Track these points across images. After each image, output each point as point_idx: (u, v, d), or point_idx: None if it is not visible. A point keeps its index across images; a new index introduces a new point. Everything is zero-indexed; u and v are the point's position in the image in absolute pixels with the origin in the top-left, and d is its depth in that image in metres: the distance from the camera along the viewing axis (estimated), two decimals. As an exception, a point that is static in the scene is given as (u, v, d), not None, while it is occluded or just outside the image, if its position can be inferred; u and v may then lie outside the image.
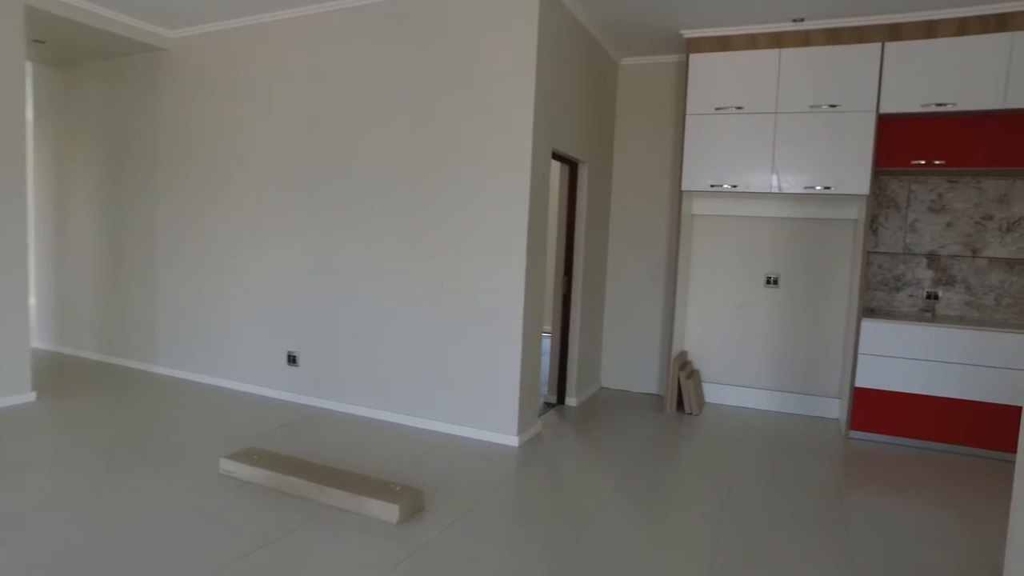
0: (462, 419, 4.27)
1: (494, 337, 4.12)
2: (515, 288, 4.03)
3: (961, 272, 4.83)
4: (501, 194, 4.05)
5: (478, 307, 4.16)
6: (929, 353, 4.40)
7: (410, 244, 4.38)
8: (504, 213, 4.04)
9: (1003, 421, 4.30)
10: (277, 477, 3.13)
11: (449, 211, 4.23)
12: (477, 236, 4.14)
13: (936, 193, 4.85)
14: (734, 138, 4.80)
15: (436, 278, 4.29)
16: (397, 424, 4.48)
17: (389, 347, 4.49)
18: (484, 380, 4.17)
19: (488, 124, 4.07)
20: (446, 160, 4.22)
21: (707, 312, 5.48)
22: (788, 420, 5.06)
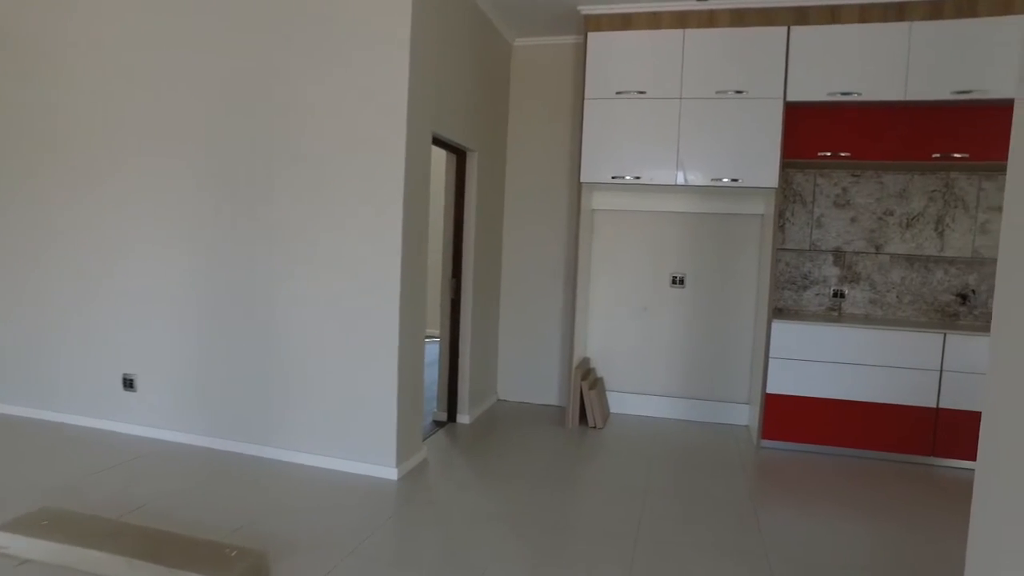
0: (332, 450, 3.62)
1: (366, 353, 3.49)
2: (389, 295, 3.43)
3: (866, 269, 4.66)
4: (370, 185, 3.42)
5: (345, 318, 3.52)
6: (840, 355, 4.17)
7: (261, 244, 3.67)
8: (374, 208, 3.43)
9: (915, 424, 4.13)
10: (70, 550, 2.38)
11: (305, 204, 3.56)
12: (342, 234, 3.50)
13: (841, 187, 4.65)
14: (637, 125, 4.40)
15: (295, 284, 3.62)
16: (257, 458, 3.75)
17: (244, 367, 3.76)
18: (355, 403, 3.54)
19: (357, 103, 3.44)
20: (299, 144, 3.55)
21: (610, 316, 5.08)
22: (697, 430, 4.73)
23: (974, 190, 4.52)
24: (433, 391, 4.79)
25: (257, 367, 3.73)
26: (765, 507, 3.38)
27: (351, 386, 3.54)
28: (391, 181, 3.38)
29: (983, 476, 1.44)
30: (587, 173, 4.48)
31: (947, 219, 4.55)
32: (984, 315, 4.54)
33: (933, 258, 4.58)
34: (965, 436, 4.09)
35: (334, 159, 3.49)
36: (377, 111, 3.39)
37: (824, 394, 4.20)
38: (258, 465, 3.64)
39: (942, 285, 4.58)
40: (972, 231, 4.53)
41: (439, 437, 4.31)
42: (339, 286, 3.53)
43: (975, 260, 4.54)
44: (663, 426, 4.77)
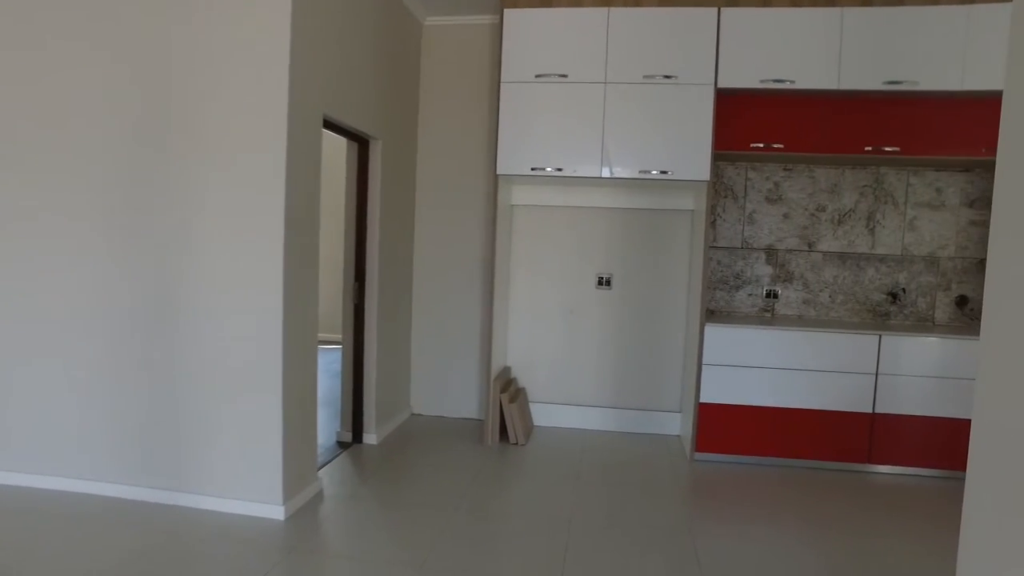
0: (210, 487, 3.05)
1: (244, 375, 2.95)
2: (269, 306, 2.89)
3: (799, 268, 4.44)
4: (244, 179, 2.89)
5: (219, 335, 2.97)
6: (775, 360, 3.91)
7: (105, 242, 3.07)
8: (248, 205, 2.89)
9: (852, 430, 3.91)
10: None
11: (166, 196, 2.99)
12: (209, 230, 2.95)
13: (773, 182, 4.42)
14: (558, 112, 4.01)
15: (152, 287, 3.03)
16: (117, 500, 3.15)
17: (110, 399, 3.14)
18: (233, 432, 2.99)
19: (230, 78, 2.90)
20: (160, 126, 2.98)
21: (533, 320, 4.68)
22: (628, 443, 4.39)
23: (903, 186, 4.37)
24: (337, 409, 4.27)
25: (126, 398, 3.11)
26: (703, 533, 3.04)
27: (228, 413, 2.98)
28: (269, 174, 2.85)
29: (974, 483, 1.38)
30: (504, 164, 4.06)
31: (878, 215, 4.39)
32: (913, 314, 4.40)
33: (865, 256, 4.40)
34: (901, 441, 3.90)
35: (203, 157, 2.92)
36: (252, 88, 2.85)
37: (759, 402, 3.93)
38: (120, 508, 3.03)
39: (873, 284, 4.41)
40: (901, 228, 4.38)
41: (341, 462, 3.80)
42: (210, 297, 2.97)
43: (905, 258, 4.39)
44: (591, 440, 4.41)
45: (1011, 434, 1.23)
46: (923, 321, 4.41)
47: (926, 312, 4.41)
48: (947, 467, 3.92)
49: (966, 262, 4.37)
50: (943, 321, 4.40)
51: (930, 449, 3.89)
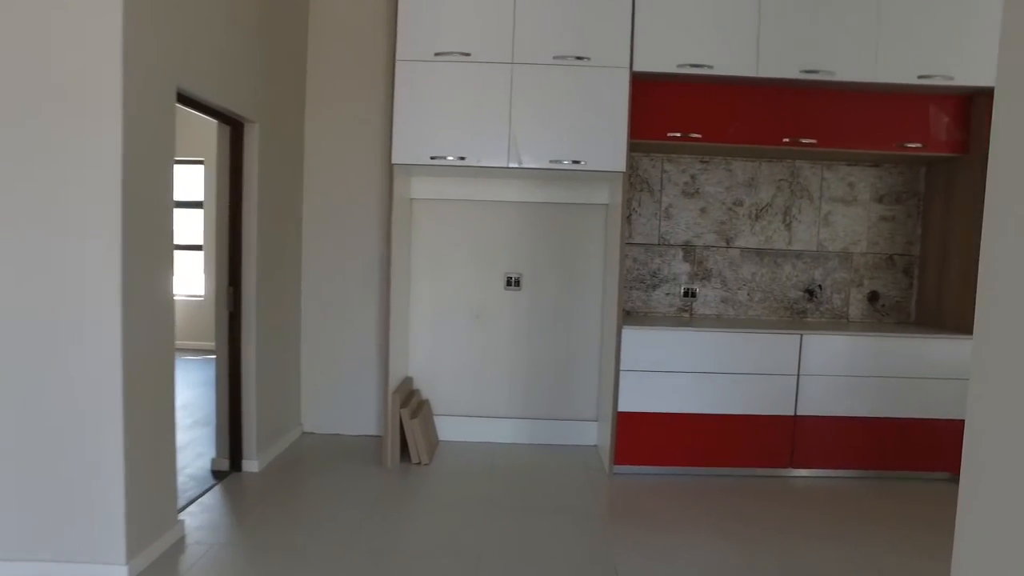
0: (31, 549, 2.46)
1: (68, 395, 2.39)
2: (104, 316, 2.34)
3: (717, 265, 4.24)
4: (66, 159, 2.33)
5: (38, 349, 2.39)
6: (696, 363, 3.67)
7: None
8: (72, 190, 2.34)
9: (774, 434, 3.73)
10: None
11: (-14, 183, 2.38)
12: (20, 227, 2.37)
13: (689, 175, 4.19)
14: (460, 95, 3.62)
15: (-32, 301, 2.42)
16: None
17: None
18: (56, 474, 2.42)
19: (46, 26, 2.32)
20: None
21: (436, 325, 4.27)
22: (542, 456, 4.05)
23: (817, 180, 4.25)
24: (212, 435, 3.71)
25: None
26: (626, 558, 2.73)
27: (57, 453, 2.41)
28: (100, 152, 2.30)
29: (968, 486, 1.38)
30: (400, 152, 3.62)
31: (794, 210, 4.25)
32: (829, 311, 4.29)
33: (782, 252, 4.26)
34: (821, 443, 3.76)
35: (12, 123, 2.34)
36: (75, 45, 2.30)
37: (681, 409, 3.68)
38: (-96, 578, 2.40)
39: (791, 281, 4.28)
40: (817, 223, 4.26)
41: (213, 498, 3.26)
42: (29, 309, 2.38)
43: (820, 254, 4.27)
44: (502, 455, 4.05)
45: (1005, 434, 1.20)
46: (838, 318, 4.31)
47: (841, 309, 4.31)
48: (867, 467, 3.81)
49: (877, 258, 4.30)
50: (857, 317, 4.32)
51: (849, 450, 3.77)
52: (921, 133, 3.87)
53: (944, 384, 3.78)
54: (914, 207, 4.32)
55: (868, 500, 3.52)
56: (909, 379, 3.76)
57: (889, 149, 3.84)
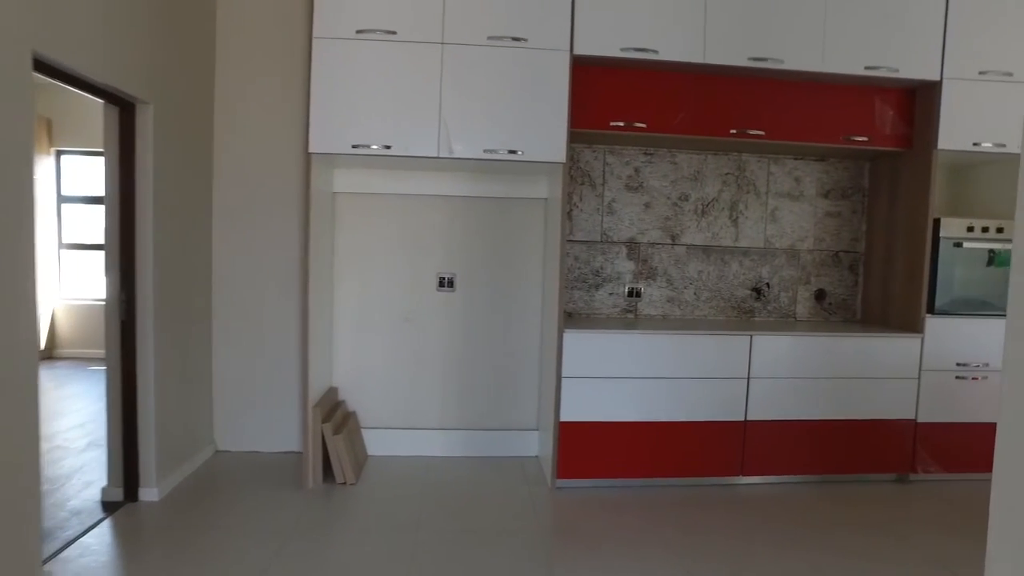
0: None
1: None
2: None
3: (662, 263, 4.03)
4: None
5: None
6: (643, 368, 3.44)
7: None
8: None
9: (724, 441, 3.54)
10: None
11: None
12: None
13: (633, 167, 3.97)
14: (386, 77, 3.28)
15: None
16: None
17: None
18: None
19: None
20: None
21: (362, 331, 3.91)
22: (480, 470, 3.75)
23: (764, 174, 4.09)
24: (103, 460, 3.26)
25: None
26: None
27: None
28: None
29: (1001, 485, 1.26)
30: (319, 140, 3.26)
31: (740, 205, 4.08)
32: (777, 310, 4.15)
33: (729, 249, 4.08)
34: (772, 449, 3.59)
35: None
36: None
37: (627, 417, 3.45)
38: None
39: (738, 279, 4.11)
40: (763, 219, 4.11)
41: (96, 537, 2.83)
42: None
43: (767, 251, 4.12)
44: (436, 470, 3.73)
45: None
46: (786, 317, 4.17)
47: (788, 307, 4.17)
48: (817, 472, 3.67)
49: (823, 255, 4.18)
50: (804, 316, 4.19)
51: (800, 455, 3.62)
52: (867, 126, 3.75)
53: (891, 383, 3.67)
54: (859, 203, 4.22)
55: (819, 507, 3.37)
56: (857, 379, 3.63)
57: (836, 142, 3.71)
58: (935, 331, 3.72)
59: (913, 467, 3.75)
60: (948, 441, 3.78)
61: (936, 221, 3.71)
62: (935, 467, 3.78)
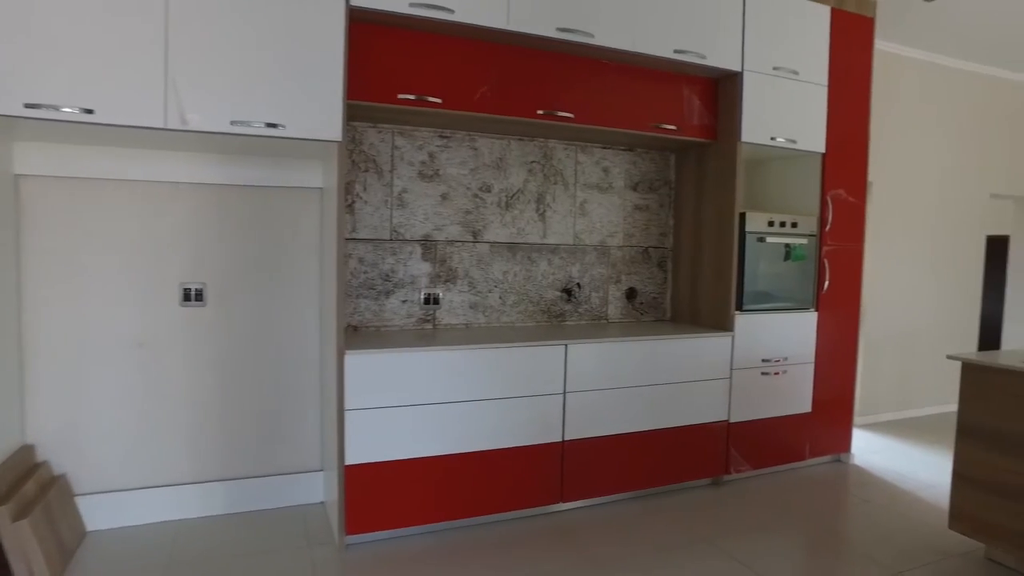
0: None
1: None
2: None
3: (463, 264, 3.50)
4: None
5: None
6: (445, 391, 2.87)
7: None
8: None
9: (542, 466, 3.09)
10: None
11: None
12: None
13: (427, 152, 3.38)
14: (84, 10, 2.35)
15: None
16: None
17: None
18: None
19: None
20: None
21: (74, 364, 2.89)
22: (249, 531, 2.94)
23: (572, 163, 3.73)
24: None
25: None
26: None
27: None
28: None
29: None
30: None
31: (548, 198, 3.68)
32: (588, 312, 3.82)
33: (536, 246, 3.66)
34: (593, 469, 3.22)
35: None
36: None
37: (429, 451, 2.86)
38: None
39: (547, 279, 3.71)
40: (572, 213, 3.75)
41: None
42: None
43: (577, 248, 3.77)
44: (190, 537, 2.86)
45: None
46: (598, 319, 3.86)
47: (600, 308, 3.86)
48: (638, 487, 3.37)
49: (633, 251, 3.93)
50: (616, 317, 3.91)
51: (621, 471, 3.29)
52: (676, 115, 3.52)
53: (705, 386, 3.49)
54: (666, 196, 4.02)
55: (641, 524, 3.06)
56: (673, 385, 3.39)
57: (646, 129, 3.43)
58: (743, 328, 3.60)
59: (727, 468, 3.62)
60: (756, 438, 3.70)
61: (742, 216, 3.59)
62: (746, 465, 3.69)
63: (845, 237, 3.94)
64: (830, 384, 3.96)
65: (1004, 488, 2.71)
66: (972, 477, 2.82)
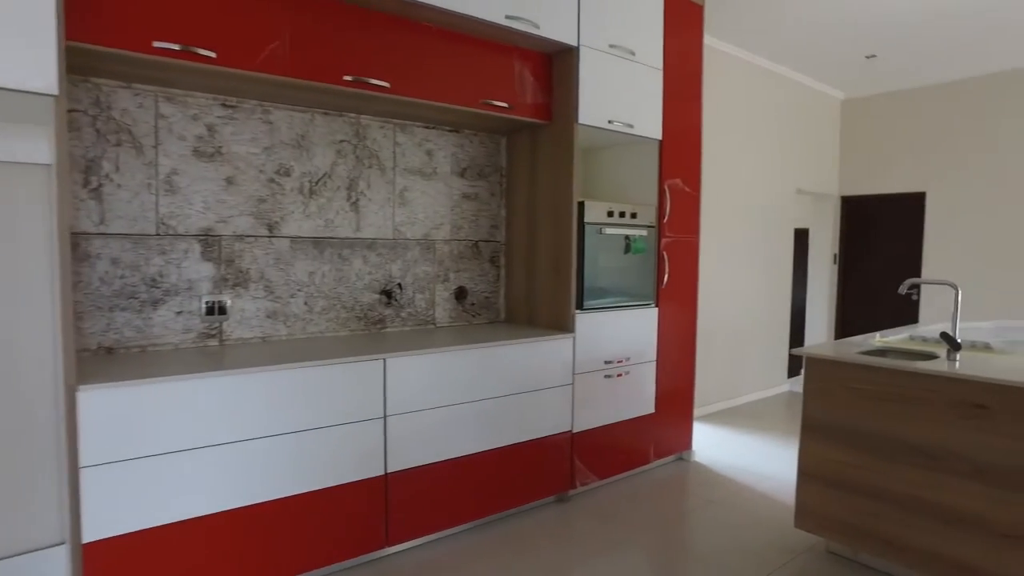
0: None
1: None
2: None
3: (257, 263, 2.84)
4: None
5: None
6: (233, 428, 2.23)
7: None
8: None
9: (362, 507, 2.54)
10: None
11: None
12: None
13: (205, 125, 2.68)
14: None
15: None
16: None
17: None
18: None
19: None
20: None
21: None
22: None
23: (390, 144, 3.21)
24: None
25: None
26: None
27: None
28: None
29: None
30: None
31: (362, 184, 3.12)
32: (413, 316, 3.32)
33: (349, 241, 3.09)
34: (425, 502, 2.73)
35: None
36: None
37: (210, 507, 2.20)
38: None
39: (363, 280, 3.15)
40: (391, 202, 3.22)
41: None
42: None
43: (398, 243, 3.26)
44: None
45: None
46: (424, 324, 3.37)
47: (426, 312, 3.38)
48: (480, 515, 2.94)
49: (462, 245, 3.49)
50: (445, 320, 3.45)
51: (457, 501, 2.84)
52: (508, 92, 3.12)
53: (547, 395, 3.14)
54: (497, 184, 3.63)
55: (478, 560, 2.64)
56: (512, 396, 3.00)
57: (474, 106, 2.99)
58: (584, 328, 3.30)
59: (572, 483, 3.30)
60: (601, 446, 3.42)
61: (580, 205, 3.28)
62: (592, 477, 3.40)
63: (683, 229, 3.78)
64: (672, 382, 3.80)
65: (845, 482, 2.63)
66: (816, 473, 2.73)
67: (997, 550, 2.24)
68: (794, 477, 3.66)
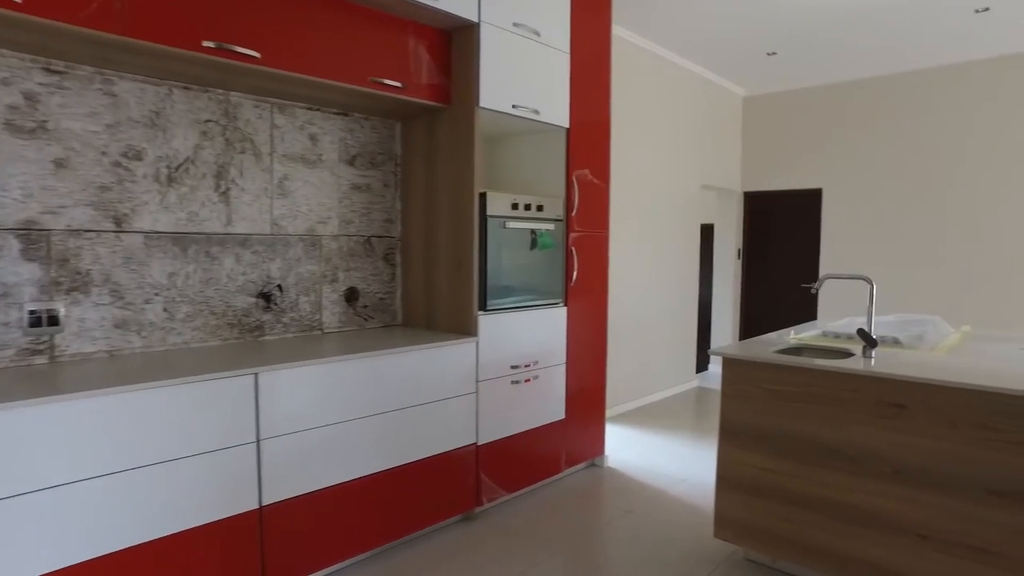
0: None
1: None
2: None
3: (101, 264, 2.38)
4: None
5: None
6: (64, 466, 1.80)
7: None
8: None
9: (231, 548, 2.16)
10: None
11: None
12: None
13: (20, 92, 2.20)
14: None
15: None
16: None
17: None
18: None
19: None
20: None
21: None
22: None
23: (267, 127, 2.81)
24: None
25: None
26: None
27: None
28: None
29: None
30: None
31: (233, 171, 2.72)
32: (297, 322, 2.94)
33: (218, 237, 2.68)
34: (309, 537, 2.38)
35: None
36: None
37: (35, 569, 1.77)
38: None
39: (236, 282, 2.74)
40: (269, 192, 2.83)
41: None
42: None
43: (277, 239, 2.87)
44: None
45: None
46: (310, 330, 2.99)
47: (312, 316, 3.00)
48: (379, 543, 2.61)
49: (352, 241, 3.14)
50: (334, 325, 3.09)
51: (351, 530, 2.50)
52: (402, 70, 2.80)
53: (449, 405, 2.85)
54: (391, 174, 3.30)
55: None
56: (410, 409, 2.69)
57: (363, 84, 2.65)
58: (489, 330, 3.03)
59: (479, 499, 3.02)
60: (509, 457, 3.17)
61: (482, 197, 3.00)
62: (500, 491, 3.13)
63: (592, 223, 3.58)
64: (583, 385, 3.59)
65: (764, 489, 2.50)
66: (735, 480, 2.58)
67: (914, 550, 2.16)
68: (710, 479, 3.56)
